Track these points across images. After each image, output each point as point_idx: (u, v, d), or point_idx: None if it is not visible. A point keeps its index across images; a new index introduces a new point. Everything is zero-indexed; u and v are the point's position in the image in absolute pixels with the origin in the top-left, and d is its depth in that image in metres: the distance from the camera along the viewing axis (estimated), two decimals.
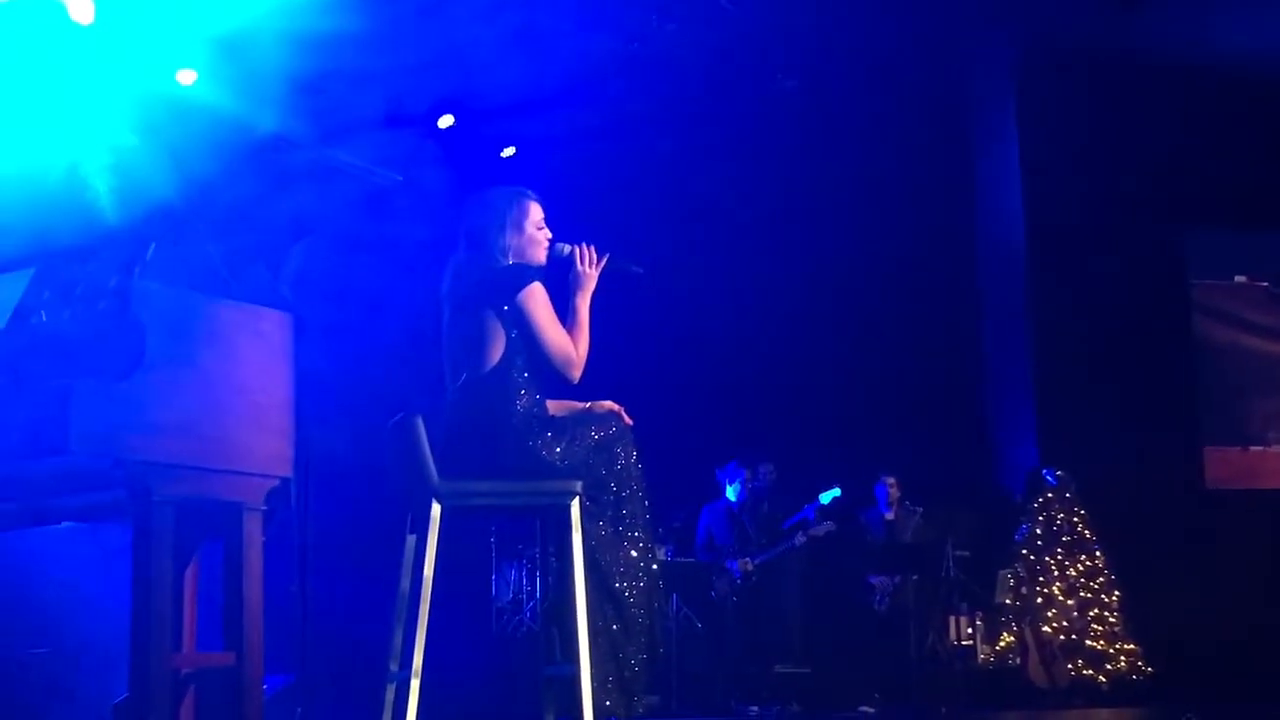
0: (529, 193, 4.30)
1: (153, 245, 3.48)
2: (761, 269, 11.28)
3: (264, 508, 3.50)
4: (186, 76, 8.54)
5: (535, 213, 4.26)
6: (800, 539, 9.85)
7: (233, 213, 3.77)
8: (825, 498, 9.90)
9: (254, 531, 3.48)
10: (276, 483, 3.53)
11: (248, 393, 3.46)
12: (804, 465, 10.46)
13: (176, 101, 8.70)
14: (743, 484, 10.15)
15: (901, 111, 10.89)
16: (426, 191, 9.18)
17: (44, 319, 3.49)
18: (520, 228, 4.22)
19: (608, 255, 4.32)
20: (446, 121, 10.09)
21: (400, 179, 3.89)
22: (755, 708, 8.95)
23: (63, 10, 7.81)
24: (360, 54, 8.39)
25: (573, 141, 10.66)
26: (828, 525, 9.88)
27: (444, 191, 9.59)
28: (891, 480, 10.28)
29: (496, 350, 4.09)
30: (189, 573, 3.75)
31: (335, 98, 8.43)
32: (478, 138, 10.46)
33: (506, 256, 4.18)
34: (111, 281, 3.43)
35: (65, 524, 3.77)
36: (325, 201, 3.95)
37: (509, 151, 10.72)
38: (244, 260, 3.73)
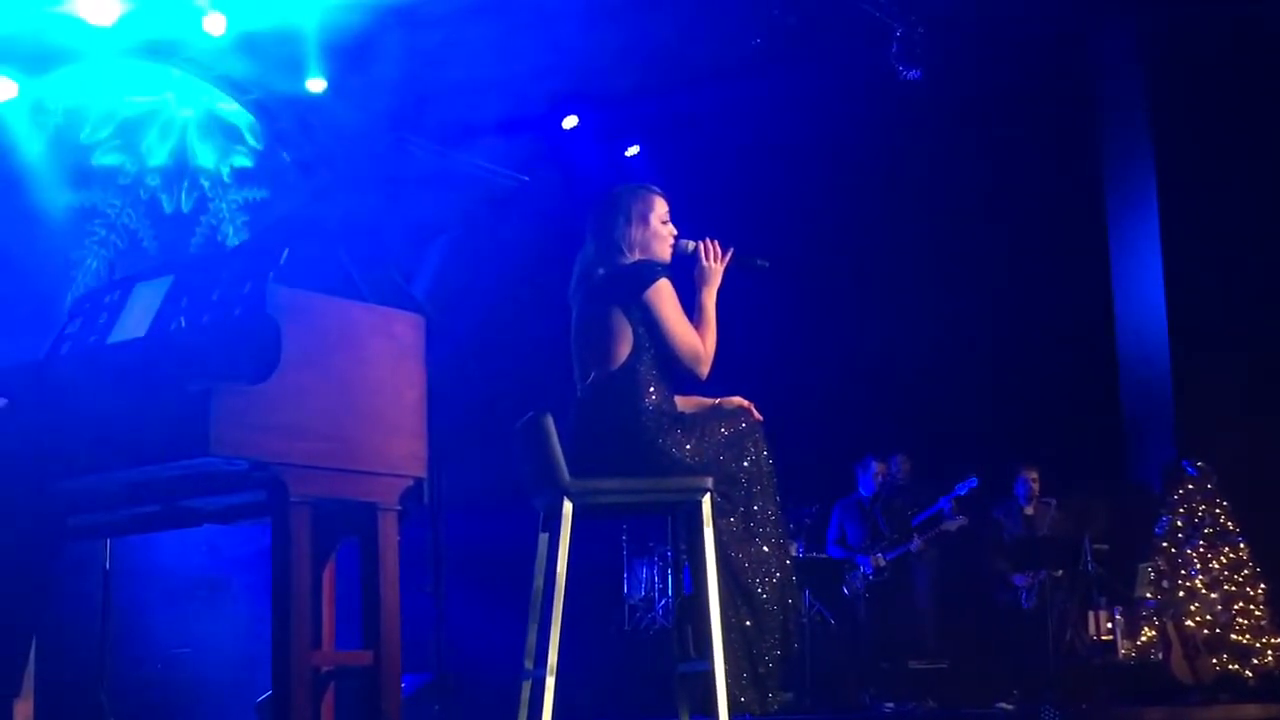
0: (655, 188, 4.31)
1: (286, 250, 3.53)
2: (896, 260, 11.18)
3: (399, 507, 3.53)
4: (316, 85, 8.70)
5: (661, 207, 4.26)
6: (931, 535, 9.75)
7: (361, 218, 3.82)
8: (962, 488, 9.76)
9: (389, 531, 3.51)
10: (410, 483, 3.55)
11: (381, 394, 3.49)
12: (936, 459, 10.34)
13: (305, 111, 8.88)
14: (871, 478, 10.06)
15: (1032, 104, 10.73)
16: (551, 192, 9.25)
17: (183, 324, 3.56)
18: (646, 221, 4.22)
19: (732, 250, 4.30)
20: (571, 122, 10.15)
21: (526, 180, 3.91)
22: (891, 704, 8.86)
23: (198, 22, 8.01)
24: (481, 59, 8.47)
25: (697, 139, 10.66)
26: (960, 520, 9.76)
27: (568, 192, 9.65)
28: (1033, 475, 10.08)
29: (625, 347, 4.09)
30: (327, 572, 3.79)
31: (457, 102, 8.53)
32: (601, 137, 10.50)
33: (633, 251, 4.18)
34: (246, 287, 3.49)
35: (205, 525, 3.85)
36: (451, 205, 3.99)
37: (633, 150, 10.75)
38: (375, 264, 3.78)
